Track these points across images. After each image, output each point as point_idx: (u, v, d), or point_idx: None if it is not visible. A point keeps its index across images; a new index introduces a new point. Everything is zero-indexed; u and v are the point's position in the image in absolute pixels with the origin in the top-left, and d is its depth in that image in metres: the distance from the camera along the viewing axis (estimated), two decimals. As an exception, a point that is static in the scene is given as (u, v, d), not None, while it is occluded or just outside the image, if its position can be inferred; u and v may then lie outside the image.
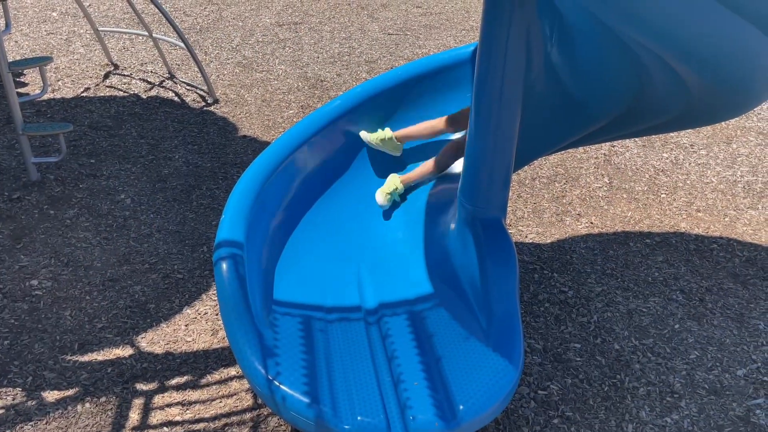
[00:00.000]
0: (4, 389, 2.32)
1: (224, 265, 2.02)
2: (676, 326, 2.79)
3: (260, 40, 6.07)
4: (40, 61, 3.51)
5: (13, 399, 2.29)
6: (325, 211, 2.61)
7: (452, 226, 2.44)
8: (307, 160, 2.64)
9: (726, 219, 3.59)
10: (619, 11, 1.42)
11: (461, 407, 1.83)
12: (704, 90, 1.73)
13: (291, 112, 4.66)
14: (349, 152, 2.78)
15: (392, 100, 2.89)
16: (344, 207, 2.65)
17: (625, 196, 3.79)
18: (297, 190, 2.60)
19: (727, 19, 1.42)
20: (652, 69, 1.82)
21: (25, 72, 4.94)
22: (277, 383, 1.84)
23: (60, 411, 2.26)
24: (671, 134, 4.51)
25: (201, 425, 2.24)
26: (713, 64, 1.52)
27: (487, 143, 2.18)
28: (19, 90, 4.61)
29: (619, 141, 4.38)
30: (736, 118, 4.76)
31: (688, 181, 3.97)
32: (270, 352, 1.92)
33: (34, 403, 2.28)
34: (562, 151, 4.16)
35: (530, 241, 3.36)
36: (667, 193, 3.84)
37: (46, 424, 2.21)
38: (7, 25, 3.44)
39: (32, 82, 4.84)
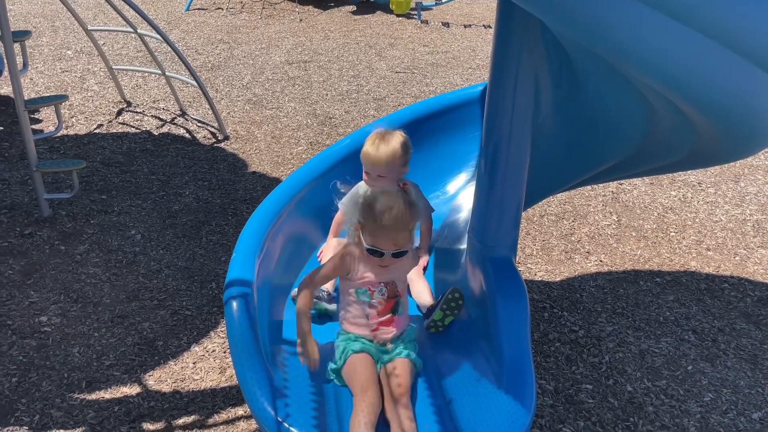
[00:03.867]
0: (11, 428, 2.30)
1: (235, 305, 2.02)
2: (689, 367, 2.75)
3: (270, 78, 6.17)
4: (55, 100, 3.57)
5: (20, 438, 2.27)
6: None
7: (462, 265, 2.44)
8: (316, 199, 2.66)
9: (736, 258, 3.57)
10: (627, 56, 1.44)
11: (473, 452, 1.80)
12: (713, 132, 1.74)
13: (300, 148, 4.71)
14: (358, 190, 2.79)
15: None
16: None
17: (633, 234, 3.79)
18: (307, 228, 2.61)
19: (735, 64, 1.44)
20: (661, 112, 1.84)
21: (38, 109, 5.02)
22: (287, 425, 1.82)
23: (66, 451, 2.23)
24: (679, 172, 4.52)
25: (208, 467, 2.21)
26: (722, 108, 1.53)
27: (496, 183, 2.19)
28: (34, 126, 4.69)
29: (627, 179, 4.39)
30: (744, 156, 4.78)
31: (697, 220, 3.96)
32: (279, 392, 1.90)
33: (40, 442, 2.26)
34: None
35: (539, 279, 3.35)
36: (676, 231, 3.84)
37: (51, 464, 2.18)
38: (25, 65, 3.53)
39: (46, 119, 4.92)
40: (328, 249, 2.58)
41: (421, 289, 2.42)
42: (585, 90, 2.09)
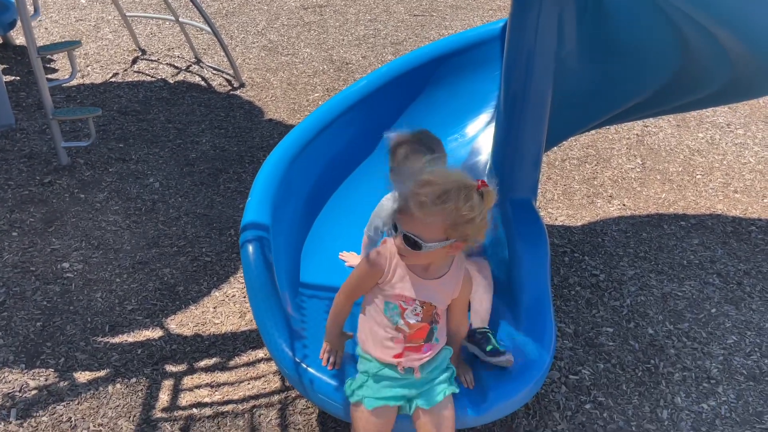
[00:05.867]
0: (37, 370, 2.36)
1: (251, 248, 2.01)
2: (713, 310, 2.71)
3: (285, 23, 6.04)
4: (68, 46, 3.53)
5: (46, 380, 2.32)
6: (351, 193, 2.58)
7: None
8: (332, 142, 2.61)
9: (765, 200, 3.47)
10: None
11: (491, 392, 1.80)
12: (749, 62, 1.65)
13: (316, 95, 4.63)
14: (375, 133, 2.73)
15: (419, 79, 2.84)
16: (370, 189, 2.61)
17: (658, 177, 3.69)
18: (323, 172, 2.58)
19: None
20: (695, 41, 1.74)
21: (55, 58, 4.99)
22: (305, 366, 1.83)
23: (92, 392, 2.28)
24: (707, 114, 4.37)
25: (230, 407, 2.25)
26: (761, 32, 1.43)
27: (517, 121, 2.12)
28: (50, 76, 4.66)
29: (653, 121, 4.26)
30: (776, 97, 4.59)
31: (725, 162, 3.84)
32: (297, 334, 1.91)
33: (66, 383, 2.31)
34: (593, 131, 4.07)
35: (560, 223, 3.30)
36: (702, 174, 3.73)
37: (78, 404, 2.24)
38: (36, 10, 3.47)
39: (62, 68, 4.89)
40: (352, 257, 2.34)
41: (478, 307, 2.03)
42: (613, 19, 1.98)
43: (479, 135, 2.81)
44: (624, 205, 3.44)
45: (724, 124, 4.27)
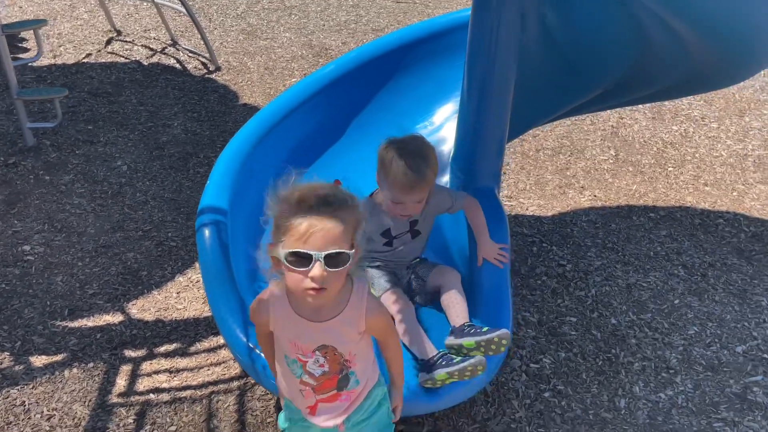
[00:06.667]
0: (-8, 353, 2.33)
1: (206, 232, 1.98)
2: (676, 301, 2.72)
3: (266, 7, 5.96)
4: (34, 24, 3.46)
5: (1, 363, 2.29)
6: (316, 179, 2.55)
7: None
8: (298, 127, 2.58)
9: (734, 193, 3.49)
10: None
11: (444, 379, 1.79)
12: (705, 52, 1.64)
13: (294, 80, 4.58)
14: (342, 119, 2.71)
15: (388, 65, 2.81)
16: (335, 176, 2.59)
17: (630, 169, 3.70)
18: (288, 158, 2.54)
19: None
20: (652, 32, 1.73)
21: (27, 37, 4.89)
22: (258, 352, 1.81)
23: (47, 376, 2.26)
24: (682, 106, 4.38)
25: (188, 393, 2.23)
26: (713, 23, 1.43)
27: (480, 109, 2.11)
28: (21, 55, 4.57)
29: (628, 113, 4.27)
30: (751, 91, 4.61)
31: (697, 155, 3.86)
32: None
33: (21, 367, 2.28)
34: (569, 123, 4.06)
35: (531, 213, 3.30)
36: (674, 166, 3.74)
37: (32, 388, 2.21)
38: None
39: (35, 48, 4.79)
40: None
41: (453, 301, 1.97)
42: (573, 9, 1.97)
43: (446, 123, 2.79)
44: (595, 196, 3.45)
45: (699, 117, 4.29)
